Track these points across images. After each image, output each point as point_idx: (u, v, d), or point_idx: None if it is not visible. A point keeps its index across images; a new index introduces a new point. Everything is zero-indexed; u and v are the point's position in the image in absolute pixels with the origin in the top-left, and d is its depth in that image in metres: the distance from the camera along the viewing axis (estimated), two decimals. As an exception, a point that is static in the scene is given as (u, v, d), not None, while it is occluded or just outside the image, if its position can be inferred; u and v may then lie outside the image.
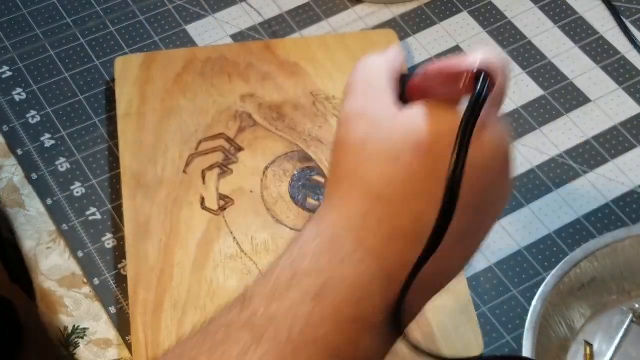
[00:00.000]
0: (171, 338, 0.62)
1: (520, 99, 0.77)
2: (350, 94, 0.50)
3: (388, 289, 0.45)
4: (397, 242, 0.45)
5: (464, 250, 0.49)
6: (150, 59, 0.77)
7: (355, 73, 0.51)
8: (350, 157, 0.47)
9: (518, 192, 0.72)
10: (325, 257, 0.45)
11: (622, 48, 0.81)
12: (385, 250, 0.45)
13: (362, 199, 0.46)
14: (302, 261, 0.45)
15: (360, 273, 0.45)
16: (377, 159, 0.46)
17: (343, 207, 0.47)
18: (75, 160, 0.74)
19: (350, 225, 0.46)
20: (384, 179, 0.46)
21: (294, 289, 0.44)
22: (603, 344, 0.64)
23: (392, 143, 0.46)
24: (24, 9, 0.83)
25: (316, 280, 0.44)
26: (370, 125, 0.47)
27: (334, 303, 0.44)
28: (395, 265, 0.45)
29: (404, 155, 0.46)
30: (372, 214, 0.46)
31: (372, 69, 0.51)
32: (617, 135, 0.75)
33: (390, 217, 0.46)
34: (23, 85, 0.78)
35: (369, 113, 0.48)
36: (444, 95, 0.47)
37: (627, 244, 0.65)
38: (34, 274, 0.69)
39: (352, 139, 0.47)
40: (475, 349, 0.62)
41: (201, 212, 0.69)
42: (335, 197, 0.48)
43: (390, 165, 0.46)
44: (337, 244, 0.46)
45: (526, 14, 0.83)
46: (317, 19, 0.82)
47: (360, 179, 0.47)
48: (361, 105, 0.49)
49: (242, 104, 0.74)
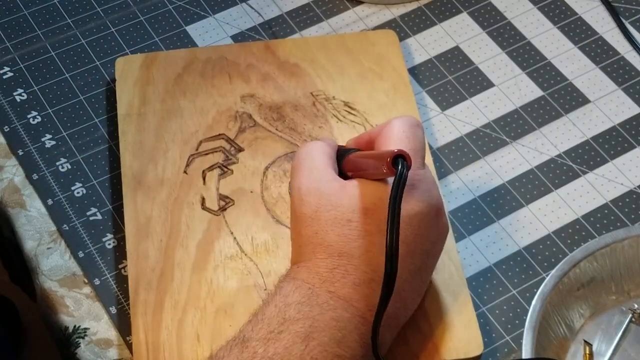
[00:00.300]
0: (171, 338, 0.63)
1: (520, 99, 0.78)
2: (298, 175, 0.60)
3: (362, 327, 0.55)
4: (364, 288, 0.55)
5: (418, 285, 0.59)
6: (151, 59, 0.77)
7: (299, 156, 0.61)
8: (308, 226, 0.57)
9: (517, 192, 0.72)
10: (306, 306, 0.54)
11: (621, 49, 0.81)
12: (354, 296, 0.55)
13: (327, 257, 0.56)
14: (287, 310, 0.54)
15: (337, 317, 0.54)
16: (333, 224, 0.57)
17: (312, 265, 0.57)
18: (75, 160, 0.74)
19: (322, 279, 0.56)
20: (342, 239, 0.56)
21: (285, 333, 0.53)
22: (602, 343, 0.64)
23: (342, 210, 0.57)
24: (25, 9, 0.83)
25: (303, 325, 0.53)
26: (320, 199, 0.57)
27: (322, 343, 0.53)
28: (364, 307, 0.55)
29: (355, 218, 0.56)
30: (338, 268, 0.56)
31: (314, 152, 0.61)
32: (617, 136, 0.75)
33: (354, 268, 0.56)
34: (24, 86, 0.78)
35: (318, 189, 0.58)
36: (370, 172, 0.58)
37: (626, 244, 0.65)
38: (35, 274, 0.69)
39: (306, 212, 0.58)
40: (474, 349, 0.62)
41: (201, 212, 0.69)
42: (302, 259, 0.58)
43: (345, 227, 0.56)
44: (314, 294, 0.55)
45: (526, 14, 0.83)
46: (317, 20, 0.83)
47: (321, 241, 0.57)
48: (308, 183, 0.59)
49: (243, 105, 0.74)
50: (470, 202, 0.72)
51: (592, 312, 0.65)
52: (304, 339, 0.53)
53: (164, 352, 0.62)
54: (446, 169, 0.73)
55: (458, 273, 0.66)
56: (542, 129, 0.76)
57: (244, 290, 0.65)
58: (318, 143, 0.62)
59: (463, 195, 0.72)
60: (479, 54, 0.80)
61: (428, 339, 0.62)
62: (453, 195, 0.72)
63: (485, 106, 0.77)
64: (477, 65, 0.80)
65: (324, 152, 0.61)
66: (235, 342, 0.54)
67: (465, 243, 0.69)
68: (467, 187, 0.72)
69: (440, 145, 0.75)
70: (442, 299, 0.64)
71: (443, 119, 0.76)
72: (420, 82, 0.79)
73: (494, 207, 0.71)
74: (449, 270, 0.66)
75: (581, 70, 0.79)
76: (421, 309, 0.63)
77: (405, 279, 0.57)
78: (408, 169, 0.53)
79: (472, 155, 0.74)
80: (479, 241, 0.70)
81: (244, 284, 0.65)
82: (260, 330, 0.54)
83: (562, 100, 0.78)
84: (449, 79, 0.79)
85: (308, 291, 0.55)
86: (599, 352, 0.64)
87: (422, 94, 0.78)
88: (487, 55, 0.80)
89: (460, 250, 0.69)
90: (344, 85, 0.76)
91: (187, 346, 0.62)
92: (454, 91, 0.78)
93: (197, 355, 0.62)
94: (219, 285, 0.65)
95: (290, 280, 0.57)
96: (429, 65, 0.80)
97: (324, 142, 0.63)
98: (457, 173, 0.73)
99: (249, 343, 0.53)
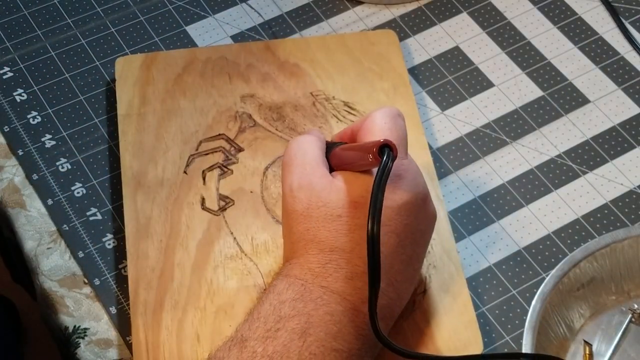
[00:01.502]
0: (171, 338, 0.63)
1: (520, 99, 0.78)
2: (289, 171, 0.60)
3: (357, 320, 0.56)
4: (356, 282, 0.56)
5: (411, 275, 0.60)
6: (151, 59, 0.77)
7: (290, 151, 0.61)
8: (299, 223, 0.58)
9: (517, 192, 0.72)
10: (300, 302, 0.55)
11: (621, 49, 0.81)
12: (346, 290, 0.56)
13: (319, 253, 0.57)
14: (282, 308, 0.55)
15: (331, 311, 0.55)
16: (324, 220, 0.57)
17: (304, 262, 0.57)
18: (75, 160, 0.74)
19: (315, 275, 0.56)
20: (333, 234, 0.57)
21: (282, 331, 0.54)
22: (602, 343, 0.64)
23: (332, 206, 0.57)
24: (25, 9, 0.83)
25: (299, 322, 0.54)
26: (311, 195, 0.58)
27: (318, 338, 0.54)
28: (357, 300, 0.56)
29: (345, 213, 0.57)
30: (330, 263, 0.57)
31: (305, 146, 0.61)
32: (616, 136, 0.75)
33: (346, 262, 0.56)
34: (24, 86, 0.78)
35: (309, 186, 0.58)
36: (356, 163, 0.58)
37: (626, 244, 0.65)
38: (35, 274, 0.69)
39: (298, 209, 0.58)
40: (474, 349, 0.62)
41: (201, 212, 0.69)
42: (294, 256, 0.58)
43: (336, 222, 0.57)
44: (307, 290, 0.56)
45: (525, 14, 0.83)
46: (317, 20, 0.83)
47: (313, 237, 0.57)
48: (300, 179, 0.59)
49: (242, 105, 0.74)
50: (470, 202, 0.72)
51: (592, 312, 0.65)
52: (301, 335, 0.54)
53: (164, 352, 0.62)
54: (446, 169, 0.73)
55: (458, 273, 0.66)
56: (542, 129, 0.76)
57: (244, 291, 0.65)
58: (308, 137, 0.62)
59: (463, 195, 0.72)
60: (478, 54, 0.80)
61: (428, 338, 0.62)
62: (453, 195, 0.72)
63: (485, 106, 0.77)
64: (477, 66, 0.80)
65: (316, 146, 0.62)
66: (233, 342, 0.55)
67: (465, 243, 0.69)
68: (467, 187, 0.72)
69: (440, 145, 0.75)
70: (442, 299, 0.64)
71: (443, 119, 0.76)
72: (420, 82, 0.79)
73: (494, 207, 0.71)
74: (449, 270, 0.66)
75: (581, 71, 0.79)
76: (421, 309, 0.63)
77: (398, 269, 0.58)
78: (394, 158, 0.54)
79: (472, 155, 0.74)
80: (479, 241, 0.70)
81: (244, 284, 0.65)
82: (257, 329, 0.54)
83: (562, 100, 0.78)
84: (448, 79, 0.79)
85: (301, 287, 0.56)
86: (599, 352, 0.64)
87: (422, 94, 0.78)
88: (487, 56, 0.80)
89: (460, 250, 0.69)
90: (344, 85, 0.76)
91: (187, 346, 0.62)
92: (454, 91, 0.78)
93: (197, 355, 0.62)
94: (219, 285, 0.65)
95: (283, 277, 0.57)
96: (428, 65, 0.80)
97: (314, 135, 0.63)
98: (457, 173, 0.73)
99: (247, 342, 0.54)
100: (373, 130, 0.59)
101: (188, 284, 0.65)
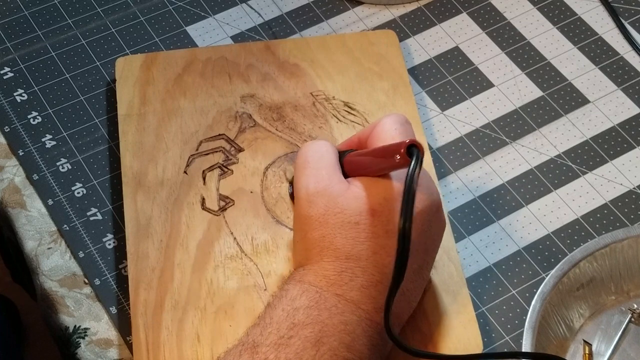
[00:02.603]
0: (171, 338, 0.63)
1: (519, 99, 0.78)
2: (304, 174, 0.60)
3: (370, 330, 0.55)
4: (371, 291, 0.56)
5: (420, 283, 0.60)
6: (151, 59, 0.77)
7: (304, 155, 0.61)
8: (314, 229, 0.57)
9: (517, 192, 0.72)
10: (315, 310, 0.54)
11: (620, 49, 0.81)
12: (361, 299, 0.55)
13: (334, 260, 0.56)
14: (296, 314, 0.54)
15: (346, 321, 0.55)
16: (340, 227, 0.56)
17: (319, 268, 0.57)
18: (76, 160, 0.74)
19: (330, 282, 0.56)
20: (349, 242, 0.56)
21: (295, 338, 0.53)
22: (602, 343, 0.64)
23: (349, 213, 0.56)
24: (25, 10, 0.83)
25: (313, 330, 0.53)
26: (328, 201, 0.57)
27: (332, 348, 0.53)
28: (372, 309, 0.56)
29: (362, 221, 0.56)
30: (346, 271, 0.56)
31: (322, 150, 0.61)
32: (616, 136, 0.75)
33: (361, 271, 0.56)
34: (24, 86, 0.78)
35: (326, 191, 0.58)
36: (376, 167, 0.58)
37: (626, 244, 0.65)
38: (35, 275, 0.69)
39: (314, 215, 0.57)
40: (474, 349, 0.62)
41: (201, 212, 0.69)
42: (308, 262, 0.57)
43: (353, 230, 0.56)
44: (322, 298, 0.55)
45: (525, 15, 0.83)
46: (317, 20, 0.83)
47: (328, 244, 0.57)
48: (317, 184, 0.58)
49: (243, 105, 0.75)
50: (470, 202, 0.72)
51: (591, 312, 0.65)
52: (315, 344, 0.53)
53: (164, 352, 0.62)
54: (446, 169, 0.73)
55: (458, 273, 0.66)
56: (542, 129, 0.76)
57: (244, 291, 0.65)
58: (324, 142, 0.62)
59: (463, 195, 0.72)
60: (478, 55, 0.81)
61: (428, 339, 0.62)
62: (453, 195, 0.72)
63: (485, 106, 0.77)
64: (476, 66, 0.80)
65: (332, 151, 0.61)
66: (244, 347, 0.54)
67: (465, 243, 0.70)
68: (466, 187, 0.72)
69: (440, 145, 0.75)
70: (442, 299, 0.64)
71: (443, 119, 0.76)
72: (420, 82, 0.79)
73: (494, 207, 0.71)
74: (449, 270, 0.66)
75: (581, 71, 0.79)
76: (421, 308, 0.63)
77: (408, 278, 0.58)
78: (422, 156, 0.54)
79: (471, 155, 0.74)
80: (479, 241, 0.70)
81: (244, 284, 0.65)
82: (270, 335, 0.54)
83: (562, 100, 0.78)
84: (448, 79, 0.79)
85: (316, 295, 0.55)
86: (599, 352, 0.64)
87: (422, 94, 0.78)
88: (486, 56, 0.80)
89: (460, 250, 0.69)
90: (344, 85, 0.76)
91: (187, 346, 0.62)
92: (454, 91, 0.78)
93: (197, 356, 0.62)
94: (219, 285, 0.65)
95: (296, 283, 0.57)
96: (428, 65, 0.80)
97: (328, 142, 0.63)
98: (456, 173, 0.73)
99: (259, 348, 0.53)
100: (384, 136, 0.59)
101: (188, 284, 0.65)
